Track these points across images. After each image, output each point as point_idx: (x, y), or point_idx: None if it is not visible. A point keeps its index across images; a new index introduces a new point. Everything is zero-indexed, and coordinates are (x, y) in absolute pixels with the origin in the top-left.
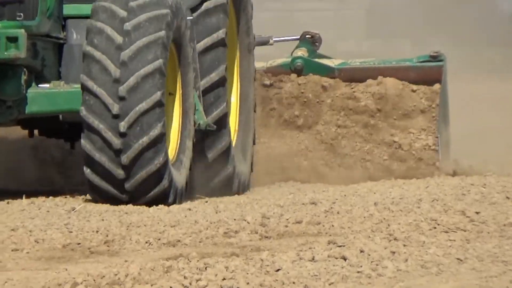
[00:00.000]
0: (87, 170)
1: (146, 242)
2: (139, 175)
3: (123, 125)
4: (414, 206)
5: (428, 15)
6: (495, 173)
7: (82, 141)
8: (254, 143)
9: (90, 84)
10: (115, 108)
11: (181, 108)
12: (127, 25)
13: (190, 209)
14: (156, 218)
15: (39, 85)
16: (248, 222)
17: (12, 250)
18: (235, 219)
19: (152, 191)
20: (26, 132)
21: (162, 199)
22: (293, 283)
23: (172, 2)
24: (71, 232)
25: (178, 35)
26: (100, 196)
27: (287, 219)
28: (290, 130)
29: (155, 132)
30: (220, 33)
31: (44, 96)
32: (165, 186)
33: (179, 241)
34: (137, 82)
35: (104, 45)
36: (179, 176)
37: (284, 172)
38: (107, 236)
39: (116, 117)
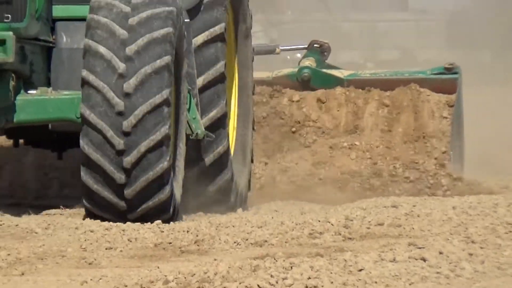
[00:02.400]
0: (84, 177)
1: (234, 242)
2: (141, 178)
3: (126, 124)
4: (490, 210)
5: (509, 26)
6: None
7: (81, 140)
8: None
9: (92, 78)
10: (119, 105)
11: (174, 113)
12: (132, 20)
13: (276, 211)
14: (244, 219)
15: (28, 92)
16: (332, 224)
17: (106, 249)
18: (319, 221)
19: (154, 198)
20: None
21: (163, 209)
22: (375, 282)
23: (175, 8)
24: (163, 231)
25: (181, 38)
26: (97, 203)
27: (369, 221)
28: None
29: (160, 133)
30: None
31: (33, 104)
32: (167, 195)
33: (266, 241)
34: (142, 79)
35: (108, 41)
36: (177, 185)
37: None
38: (197, 236)
39: (119, 114)
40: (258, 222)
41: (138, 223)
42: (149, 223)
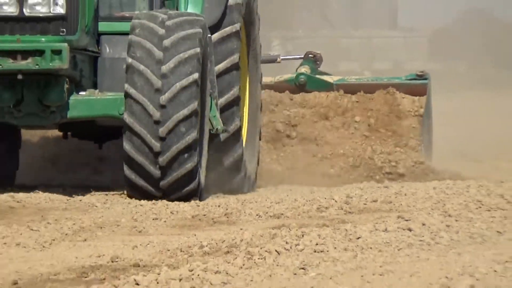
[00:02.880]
0: (127, 171)
1: (257, 215)
2: (176, 176)
3: (162, 130)
4: (464, 190)
5: (481, 42)
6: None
7: (124, 143)
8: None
9: (133, 92)
10: (156, 114)
11: (204, 111)
12: (166, 42)
13: (291, 190)
14: (264, 196)
15: (79, 93)
16: (336, 201)
17: (153, 219)
18: (325, 198)
19: (185, 189)
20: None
21: (193, 190)
22: (370, 248)
23: (202, 25)
24: (199, 206)
25: (205, 53)
26: (137, 195)
27: (366, 199)
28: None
29: (190, 138)
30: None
31: (83, 103)
32: (195, 185)
33: (282, 214)
34: (176, 93)
35: (145, 58)
36: (202, 176)
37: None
38: (226, 209)
39: (156, 122)
40: (276, 199)
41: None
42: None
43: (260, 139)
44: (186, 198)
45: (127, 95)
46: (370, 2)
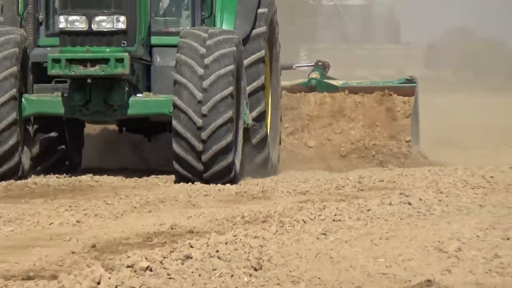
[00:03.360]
0: (175, 164)
1: (287, 191)
2: (218, 166)
3: (205, 135)
4: (452, 172)
5: (464, 54)
6: None
7: (174, 144)
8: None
9: (180, 103)
10: (199, 122)
11: (236, 112)
12: (207, 61)
13: (314, 172)
14: (293, 177)
15: (136, 95)
16: (351, 180)
17: (204, 195)
18: (342, 179)
19: (223, 180)
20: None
21: (228, 172)
22: (378, 218)
23: (236, 40)
24: (241, 185)
25: (239, 67)
26: (183, 172)
27: (374, 179)
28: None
29: (227, 140)
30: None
31: (140, 103)
32: (232, 177)
33: (307, 191)
34: (217, 103)
35: (189, 73)
36: (237, 168)
37: None
38: (263, 187)
39: (200, 128)
40: (302, 179)
41: None
42: None
43: (280, 138)
44: (224, 182)
45: (175, 106)
46: (378, 22)
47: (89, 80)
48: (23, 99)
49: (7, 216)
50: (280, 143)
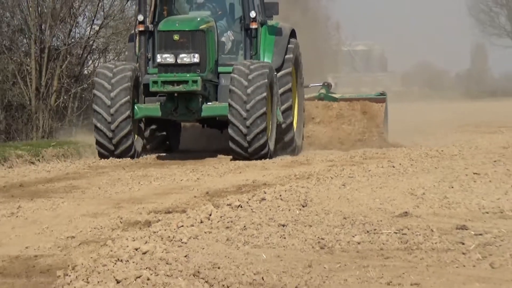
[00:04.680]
0: (231, 143)
1: (321, 160)
2: (256, 145)
3: (248, 123)
4: (419, 148)
5: (426, 77)
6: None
7: (229, 130)
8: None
9: (233, 103)
10: (245, 115)
11: (272, 111)
12: (250, 77)
13: (329, 150)
14: (325, 153)
15: (207, 103)
16: (358, 154)
17: (272, 163)
18: (353, 153)
19: (260, 153)
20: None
21: (266, 153)
22: (375, 175)
23: (270, 67)
24: (294, 156)
25: (272, 83)
26: (237, 157)
27: (372, 153)
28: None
29: (262, 126)
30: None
31: (210, 108)
32: (266, 151)
33: (333, 160)
34: (256, 103)
35: (238, 90)
36: (271, 146)
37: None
38: (307, 158)
39: (245, 119)
40: (328, 154)
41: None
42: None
43: (304, 126)
44: (262, 158)
45: (230, 105)
46: (374, 59)
47: (175, 94)
48: (135, 107)
49: (156, 176)
50: (303, 133)
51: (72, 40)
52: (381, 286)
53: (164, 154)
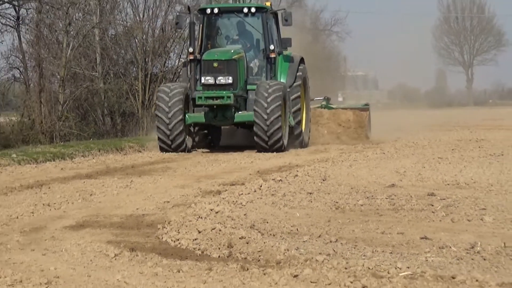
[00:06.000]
0: (255, 138)
1: (334, 149)
2: (274, 139)
3: (268, 122)
4: (400, 141)
5: (402, 93)
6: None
7: (254, 128)
8: (309, 129)
9: (256, 109)
10: (265, 117)
11: (285, 116)
12: (269, 92)
13: (330, 144)
14: (334, 146)
15: (238, 112)
16: (360, 145)
17: (302, 151)
18: (356, 145)
19: (276, 146)
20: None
21: (281, 146)
22: (371, 159)
23: (284, 85)
24: (313, 148)
25: (285, 96)
26: (260, 149)
27: (368, 145)
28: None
29: (278, 125)
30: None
31: (241, 116)
32: (281, 144)
33: (342, 149)
34: (273, 109)
35: (261, 100)
36: (285, 141)
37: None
38: (325, 148)
39: (266, 120)
40: (338, 146)
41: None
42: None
43: (310, 128)
44: (278, 150)
45: (255, 110)
46: (370, 81)
47: (215, 106)
48: (187, 115)
49: (223, 160)
50: (309, 132)
51: (166, 68)
52: (377, 235)
53: (208, 150)
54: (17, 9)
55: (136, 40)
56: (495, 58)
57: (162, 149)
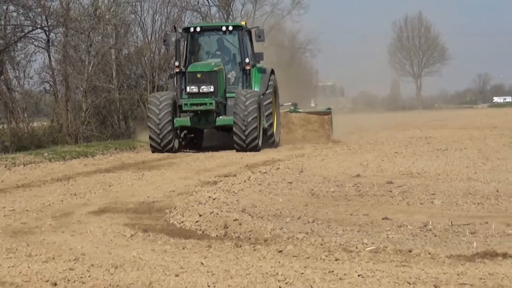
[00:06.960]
0: (234, 137)
1: (309, 146)
2: (250, 138)
3: (246, 122)
4: (363, 138)
5: (365, 101)
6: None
7: (233, 129)
8: (280, 131)
9: (236, 111)
10: (244, 118)
11: (260, 119)
12: (247, 97)
13: (301, 143)
14: (310, 146)
15: (219, 117)
16: (330, 144)
17: (282, 149)
18: (325, 143)
19: (252, 145)
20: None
21: (256, 145)
22: (340, 154)
23: (258, 92)
24: (294, 146)
25: (260, 101)
26: (239, 149)
27: (335, 142)
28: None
29: (255, 125)
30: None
31: (221, 120)
32: (256, 144)
33: (315, 145)
34: (250, 111)
35: (240, 104)
36: (259, 142)
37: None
38: (302, 147)
39: (244, 120)
40: (312, 145)
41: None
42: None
43: (280, 131)
44: (254, 150)
45: (234, 113)
46: (337, 89)
47: (199, 112)
48: (174, 120)
49: (218, 156)
50: (280, 133)
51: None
52: (346, 216)
53: (194, 150)
54: (47, 34)
55: (145, 58)
56: (440, 70)
57: (153, 149)
